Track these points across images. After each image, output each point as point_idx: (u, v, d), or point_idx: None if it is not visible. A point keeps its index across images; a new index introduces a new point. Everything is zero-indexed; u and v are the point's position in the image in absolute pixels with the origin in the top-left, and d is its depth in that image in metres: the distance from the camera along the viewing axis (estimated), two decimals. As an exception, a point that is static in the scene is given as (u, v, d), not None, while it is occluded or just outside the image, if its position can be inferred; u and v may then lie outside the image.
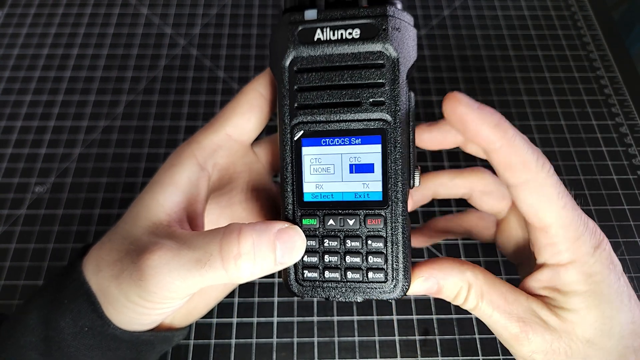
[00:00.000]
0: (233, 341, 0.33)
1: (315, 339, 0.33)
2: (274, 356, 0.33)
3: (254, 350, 0.33)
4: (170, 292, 0.21)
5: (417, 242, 0.33)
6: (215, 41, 0.49)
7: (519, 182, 0.21)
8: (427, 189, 0.29)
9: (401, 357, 0.33)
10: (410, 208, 0.24)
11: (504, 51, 0.48)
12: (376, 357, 0.33)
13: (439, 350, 0.33)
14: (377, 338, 0.33)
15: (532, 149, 0.21)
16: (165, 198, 0.23)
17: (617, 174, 0.41)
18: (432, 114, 0.44)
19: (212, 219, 0.27)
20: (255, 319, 0.34)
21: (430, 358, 0.33)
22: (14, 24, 0.50)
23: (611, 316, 0.21)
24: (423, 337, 0.33)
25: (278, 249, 0.21)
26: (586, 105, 0.45)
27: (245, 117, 0.25)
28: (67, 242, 0.37)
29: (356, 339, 0.33)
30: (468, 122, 0.21)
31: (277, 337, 0.33)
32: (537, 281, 0.23)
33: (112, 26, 0.50)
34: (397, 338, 0.33)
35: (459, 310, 0.34)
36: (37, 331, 0.23)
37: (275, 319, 0.34)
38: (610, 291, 0.21)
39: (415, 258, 0.36)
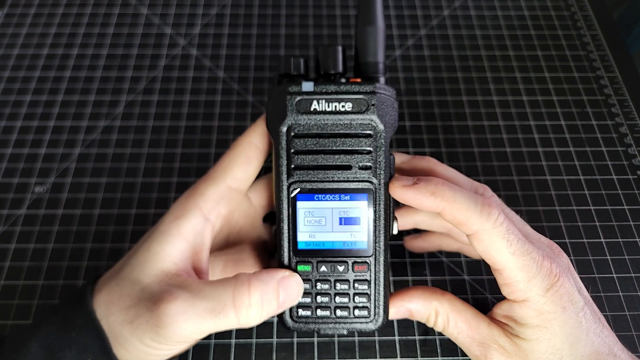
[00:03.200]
0: (233, 341, 0.33)
1: (315, 339, 0.33)
2: (274, 356, 0.33)
3: (254, 350, 0.33)
4: (184, 338, 0.23)
5: (416, 248, 0.35)
6: (215, 41, 0.49)
7: (469, 233, 0.24)
8: (409, 221, 0.32)
9: (401, 357, 0.33)
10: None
11: (504, 51, 0.48)
12: (376, 357, 0.33)
13: (438, 350, 0.33)
14: (377, 338, 0.33)
15: (474, 203, 0.24)
16: (172, 248, 0.25)
17: (617, 174, 0.41)
18: (432, 114, 0.44)
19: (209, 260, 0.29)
20: (255, 319, 0.34)
21: (430, 358, 0.33)
22: (14, 24, 0.50)
23: (562, 349, 0.24)
24: (423, 337, 0.33)
25: (281, 294, 0.24)
26: (586, 105, 0.45)
27: (242, 169, 0.27)
28: (67, 242, 0.37)
29: (356, 339, 0.33)
30: (409, 200, 0.25)
31: (277, 337, 0.33)
32: (500, 309, 0.26)
33: (112, 26, 0.50)
34: (397, 338, 0.33)
35: (458, 310, 0.34)
36: (39, 358, 0.23)
37: (275, 319, 0.34)
38: (563, 328, 0.24)
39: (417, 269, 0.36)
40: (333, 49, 0.26)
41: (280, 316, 0.27)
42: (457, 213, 0.24)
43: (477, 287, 0.35)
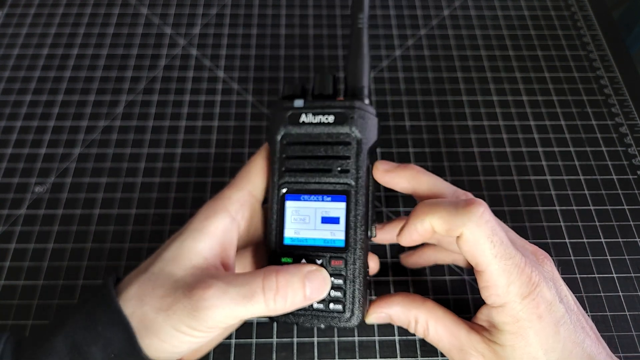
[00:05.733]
0: (233, 341, 0.33)
1: (315, 339, 0.33)
2: (274, 356, 0.33)
3: (254, 350, 0.33)
4: (218, 322, 0.24)
5: (411, 264, 0.35)
6: (215, 41, 0.49)
7: (457, 236, 0.25)
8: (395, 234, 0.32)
9: (401, 357, 0.33)
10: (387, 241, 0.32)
11: (504, 51, 0.48)
12: (376, 357, 0.33)
13: (439, 350, 0.33)
14: (377, 338, 0.33)
15: (454, 206, 0.25)
16: (204, 244, 0.27)
17: (617, 174, 0.41)
18: (432, 114, 0.44)
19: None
20: (255, 319, 0.34)
21: (430, 358, 0.33)
22: (14, 24, 0.50)
23: (537, 357, 0.24)
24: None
25: (307, 287, 0.25)
26: (586, 105, 0.45)
27: (259, 178, 0.30)
28: (67, 242, 0.37)
29: (356, 339, 0.33)
30: (402, 242, 0.28)
31: (277, 337, 0.33)
32: (481, 314, 0.27)
33: (112, 26, 0.50)
34: (397, 338, 0.33)
35: (458, 311, 0.34)
36: (63, 354, 0.24)
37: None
38: (538, 337, 0.24)
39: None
40: (326, 76, 0.31)
41: None
42: (441, 221, 0.25)
43: (477, 287, 0.35)
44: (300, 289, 0.25)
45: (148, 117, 0.43)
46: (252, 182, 0.30)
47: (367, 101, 0.30)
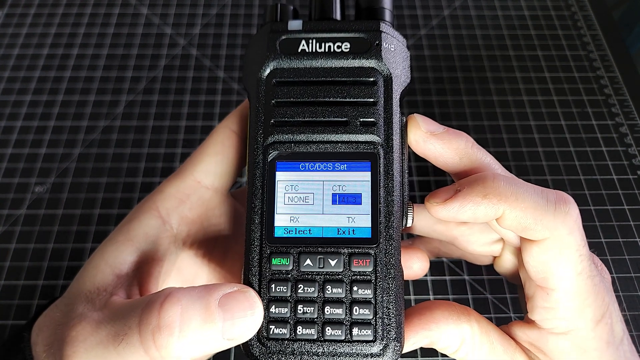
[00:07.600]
0: (233, 341, 0.33)
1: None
2: (274, 356, 0.33)
3: (253, 350, 0.33)
4: None
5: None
6: (215, 41, 0.49)
7: (537, 239, 0.19)
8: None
9: (401, 357, 0.33)
10: None
11: (504, 51, 0.48)
12: (376, 357, 0.33)
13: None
14: (377, 338, 0.33)
15: (544, 198, 0.18)
16: (115, 257, 0.20)
17: (617, 174, 0.41)
18: (432, 114, 0.44)
19: (188, 278, 0.24)
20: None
21: (430, 358, 0.33)
22: (14, 24, 0.50)
23: None
24: (423, 337, 0.33)
25: (218, 319, 0.17)
26: (586, 105, 0.45)
27: (215, 159, 0.22)
28: (67, 242, 0.37)
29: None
30: (458, 216, 0.19)
31: (277, 337, 0.33)
32: (524, 334, 0.21)
33: (112, 26, 0.50)
34: (397, 338, 0.33)
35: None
36: None
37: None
38: None
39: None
40: None
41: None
42: (522, 215, 0.18)
43: (477, 287, 0.35)
44: (208, 321, 0.16)
45: (148, 117, 0.44)
46: (200, 167, 0.22)
47: (389, 25, 0.22)
